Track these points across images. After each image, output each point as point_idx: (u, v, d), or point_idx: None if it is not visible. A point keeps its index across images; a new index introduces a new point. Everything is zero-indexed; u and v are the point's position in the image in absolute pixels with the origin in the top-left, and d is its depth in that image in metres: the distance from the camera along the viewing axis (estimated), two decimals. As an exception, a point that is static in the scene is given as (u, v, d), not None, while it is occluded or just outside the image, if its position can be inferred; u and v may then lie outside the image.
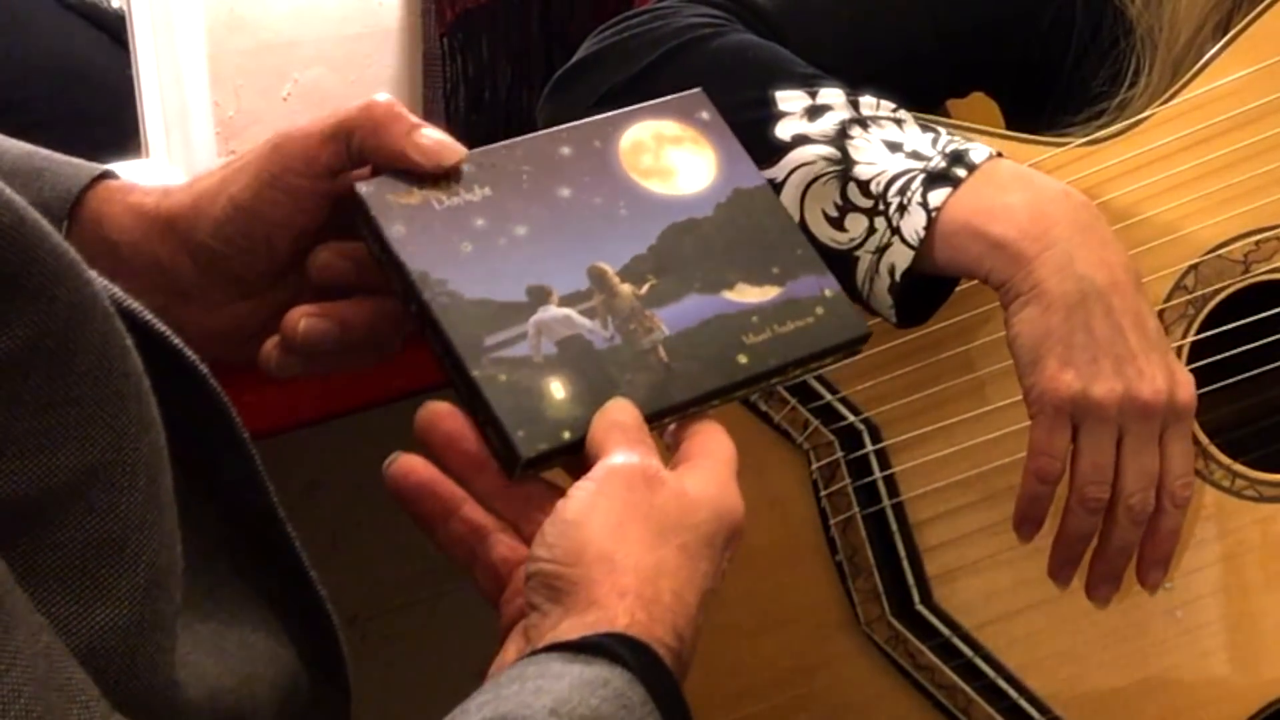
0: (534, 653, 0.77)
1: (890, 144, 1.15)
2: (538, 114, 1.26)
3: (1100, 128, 1.22)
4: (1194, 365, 1.21)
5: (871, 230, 1.14)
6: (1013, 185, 1.13)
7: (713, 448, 0.86)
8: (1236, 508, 1.23)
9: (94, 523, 0.65)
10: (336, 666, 0.85)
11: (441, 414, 0.84)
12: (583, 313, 0.86)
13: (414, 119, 0.87)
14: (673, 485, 0.82)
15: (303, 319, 0.88)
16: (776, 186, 1.16)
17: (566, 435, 0.83)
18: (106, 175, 0.92)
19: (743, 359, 0.89)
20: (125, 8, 1.64)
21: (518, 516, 0.84)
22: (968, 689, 1.27)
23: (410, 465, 0.84)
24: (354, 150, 0.87)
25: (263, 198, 0.88)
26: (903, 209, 1.13)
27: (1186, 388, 1.11)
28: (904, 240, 1.13)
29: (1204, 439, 1.23)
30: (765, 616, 1.28)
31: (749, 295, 0.91)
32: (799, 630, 1.29)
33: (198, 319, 0.89)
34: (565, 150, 0.90)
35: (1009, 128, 1.32)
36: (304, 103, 1.76)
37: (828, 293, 0.93)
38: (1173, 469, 1.12)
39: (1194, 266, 1.22)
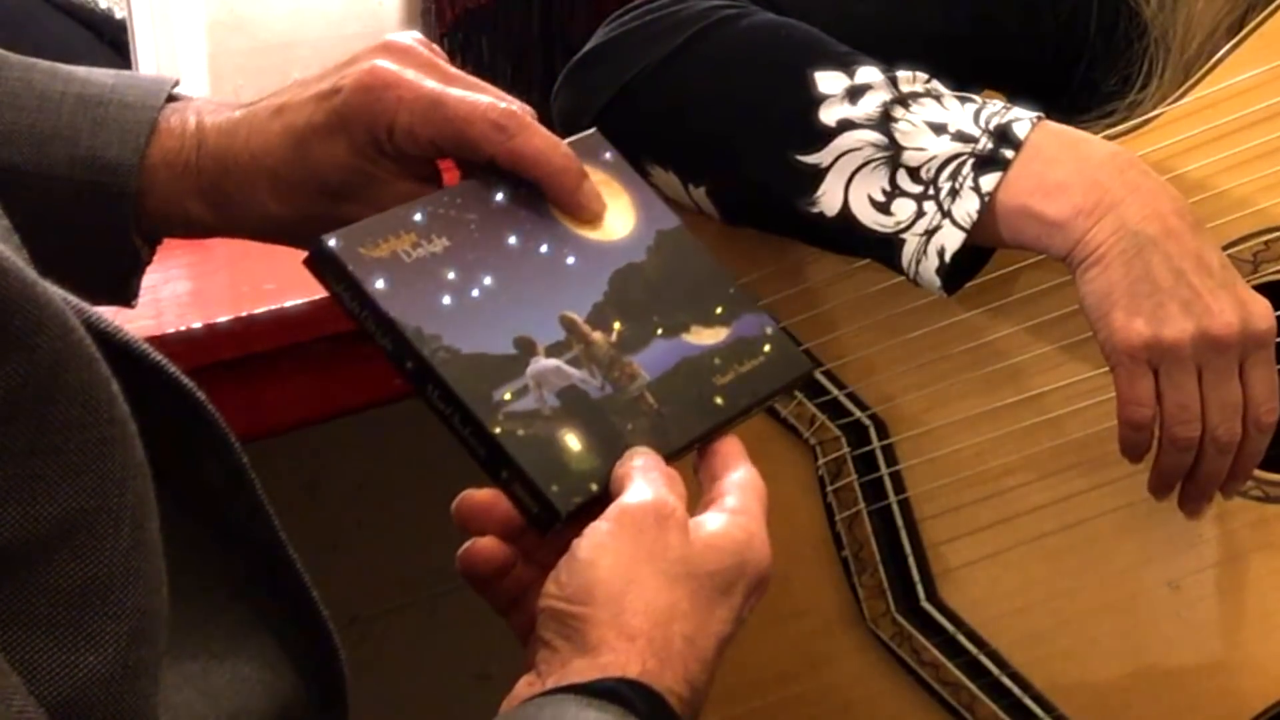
0: (548, 692, 0.77)
1: (934, 125, 1.15)
2: (553, 103, 1.24)
3: (1109, 126, 1.22)
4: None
5: (920, 214, 1.15)
6: (1062, 156, 1.14)
7: (741, 490, 0.86)
8: (1243, 507, 1.24)
9: (78, 569, 0.65)
10: (336, 690, 0.84)
11: (474, 497, 0.87)
12: (569, 362, 0.86)
13: None
14: (686, 527, 0.83)
15: None
16: (820, 171, 1.17)
17: (594, 487, 0.84)
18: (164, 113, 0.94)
19: (719, 400, 0.90)
20: (125, 8, 1.64)
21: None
22: (972, 686, 1.27)
23: (483, 550, 0.87)
24: None
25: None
26: (954, 194, 1.14)
27: (1262, 316, 1.12)
28: (955, 223, 1.14)
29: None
30: (769, 611, 1.25)
31: (704, 337, 0.92)
32: (803, 625, 1.29)
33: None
34: (499, 196, 0.90)
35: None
36: (304, 103, 1.75)
37: (769, 330, 0.95)
38: (1256, 396, 1.13)
39: (1203, 265, 1.22)
